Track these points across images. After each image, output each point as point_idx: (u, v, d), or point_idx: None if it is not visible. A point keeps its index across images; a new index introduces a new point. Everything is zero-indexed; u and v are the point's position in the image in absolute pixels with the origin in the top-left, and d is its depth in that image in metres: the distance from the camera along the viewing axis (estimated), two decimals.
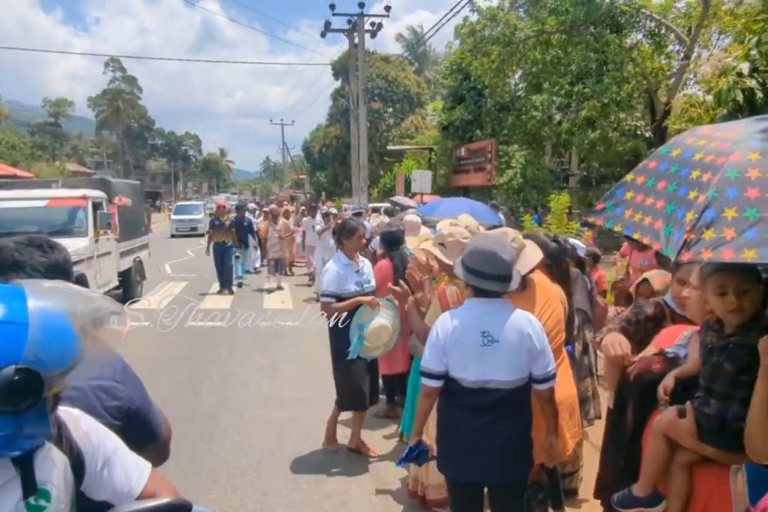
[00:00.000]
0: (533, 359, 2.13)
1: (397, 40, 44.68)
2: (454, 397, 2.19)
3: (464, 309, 2.21)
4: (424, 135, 27.78)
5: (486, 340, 2.09)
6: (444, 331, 2.14)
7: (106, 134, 73.85)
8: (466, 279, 2.16)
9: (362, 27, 20.84)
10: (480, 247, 2.14)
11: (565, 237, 4.17)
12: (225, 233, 9.98)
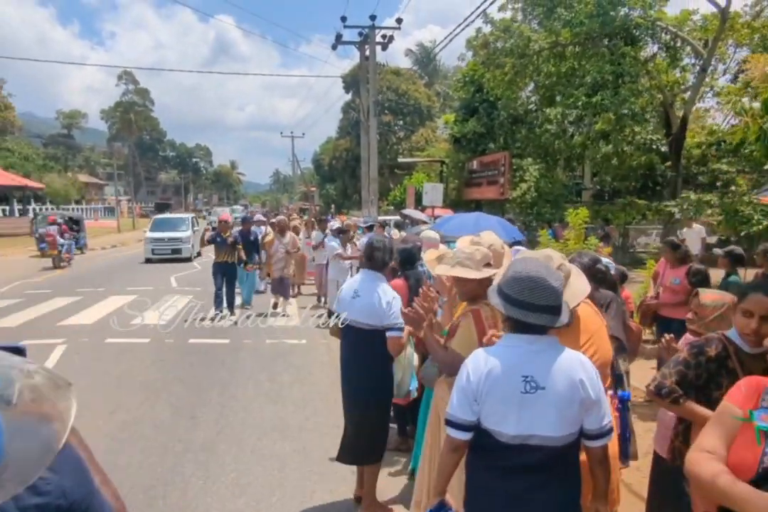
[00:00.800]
0: (586, 410, 1.76)
1: (407, 55, 44.80)
2: (488, 454, 1.82)
3: (502, 347, 1.84)
4: (435, 148, 27.55)
5: (529, 387, 1.73)
6: (477, 373, 1.77)
7: (117, 146, 74.42)
8: (505, 312, 1.80)
9: (373, 39, 20.73)
10: (524, 273, 1.79)
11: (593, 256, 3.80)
12: (228, 251, 8.81)
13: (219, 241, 8.84)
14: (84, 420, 4.64)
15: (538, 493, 1.77)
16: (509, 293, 1.78)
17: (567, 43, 16.28)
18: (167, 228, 17.96)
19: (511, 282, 1.79)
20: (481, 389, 1.75)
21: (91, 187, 62.24)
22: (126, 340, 7.37)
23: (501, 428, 1.75)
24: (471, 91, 18.41)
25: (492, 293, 1.87)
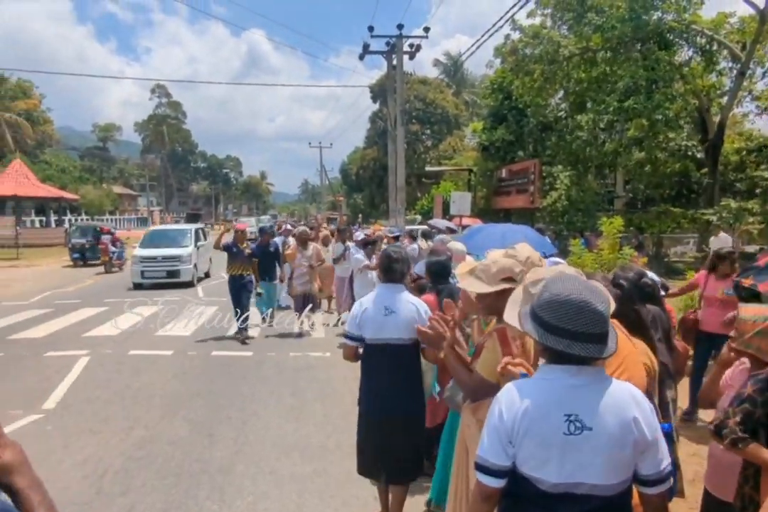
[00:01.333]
0: (641, 453, 1.50)
1: (435, 65, 44.79)
2: (526, 504, 1.56)
3: (540, 380, 1.59)
4: (463, 156, 27.31)
5: (573, 427, 1.48)
6: (511, 411, 1.52)
7: (150, 158, 76.10)
8: (542, 340, 1.54)
9: (401, 48, 20.68)
10: (563, 295, 1.52)
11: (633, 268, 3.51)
12: (243, 263, 8.02)
13: (234, 251, 8.06)
14: (102, 435, 4.55)
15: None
16: (547, 319, 1.53)
17: (598, 48, 15.95)
18: (162, 243, 14.45)
19: (548, 306, 1.53)
20: (517, 429, 1.50)
21: (125, 198, 63.65)
22: (149, 352, 7.30)
23: (541, 474, 1.50)
24: (499, 98, 18.17)
25: (524, 318, 1.62)
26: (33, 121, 46.07)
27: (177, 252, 14.01)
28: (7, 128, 42.25)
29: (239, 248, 8.07)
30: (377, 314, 3.15)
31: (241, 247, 8.10)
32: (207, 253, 15.57)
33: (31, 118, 46.15)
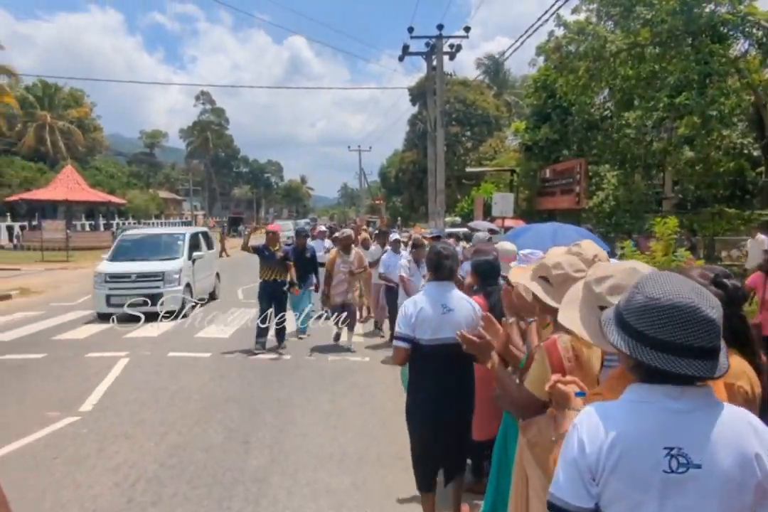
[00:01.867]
0: (763, 497, 1.17)
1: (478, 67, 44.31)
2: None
3: (632, 404, 1.24)
4: (504, 157, 26.80)
5: (676, 464, 1.17)
6: (595, 442, 1.21)
7: (194, 163, 77.90)
8: (635, 355, 1.22)
9: (440, 49, 20.43)
10: (664, 299, 1.20)
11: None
12: (276, 267, 7.40)
13: (266, 255, 7.43)
14: (136, 440, 4.45)
15: None
16: (642, 328, 1.22)
17: (647, 43, 15.32)
18: (142, 253, 10.50)
19: (644, 313, 1.22)
20: (603, 465, 1.20)
21: (170, 202, 65.25)
22: (187, 354, 7.25)
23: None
24: (543, 97, 17.68)
25: (607, 327, 1.31)
26: (84, 129, 47.76)
27: (159, 266, 9.90)
28: (60, 135, 43.91)
29: (271, 251, 7.47)
30: (435, 313, 2.98)
31: (273, 249, 7.49)
32: (211, 266, 12.06)
33: (83, 125, 47.86)
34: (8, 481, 3.75)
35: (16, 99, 40.86)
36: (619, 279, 1.61)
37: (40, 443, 4.41)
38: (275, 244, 7.62)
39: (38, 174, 34.70)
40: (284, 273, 7.53)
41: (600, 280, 1.63)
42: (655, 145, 16.53)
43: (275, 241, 7.64)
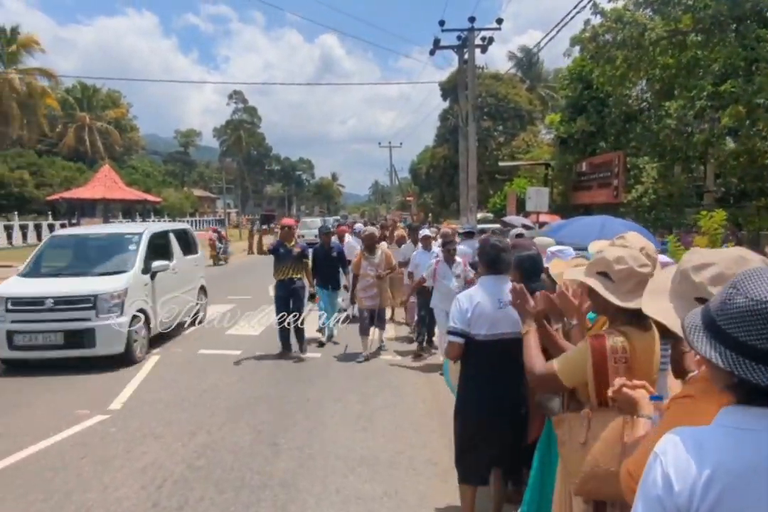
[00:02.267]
0: None
1: (510, 59, 43.62)
2: None
3: (728, 429, 1.01)
4: (538, 150, 26.22)
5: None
6: (686, 476, 0.97)
7: (228, 161, 78.92)
8: (735, 369, 0.98)
9: (472, 42, 20.08)
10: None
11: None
12: (292, 265, 6.82)
13: (281, 252, 6.81)
14: (164, 440, 4.36)
15: None
16: (745, 339, 0.98)
17: (688, 30, 14.71)
18: (73, 266, 7.46)
19: (748, 319, 0.99)
20: (697, 505, 0.96)
21: (204, 200, 66.27)
22: (218, 352, 7.20)
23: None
24: (578, 88, 17.14)
25: (695, 334, 1.07)
26: (121, 129, 48.84)
27: (90, 286, 6.54)
28: (98, 136, 44.98)
29: (287, 247, 6.83)
30: (492, 308, 2.92)
31: (289, 245, 6.87)
32: (192, 279, 8.95)
33: (120, 126, 48.93)
34: (36, 481, 3.72)
35: (56, 101, 42.10)
36: (723, 267, 1.35)
37: (68, 441, 4.38)
38: (291, 239, 6.98)
39: (77, 173, 35.59)
40: (300, 271, 6.94)
41: (700, 268, 1.37)
42: (697, 136, 15.86)
43: (290, 236, 7.01)
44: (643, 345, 1.93)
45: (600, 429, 1.87)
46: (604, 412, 1.88)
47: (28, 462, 4.04)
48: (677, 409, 1.34)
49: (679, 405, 1.35)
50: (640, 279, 1.87)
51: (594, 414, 1.92)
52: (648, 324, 1.96)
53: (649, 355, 1.96)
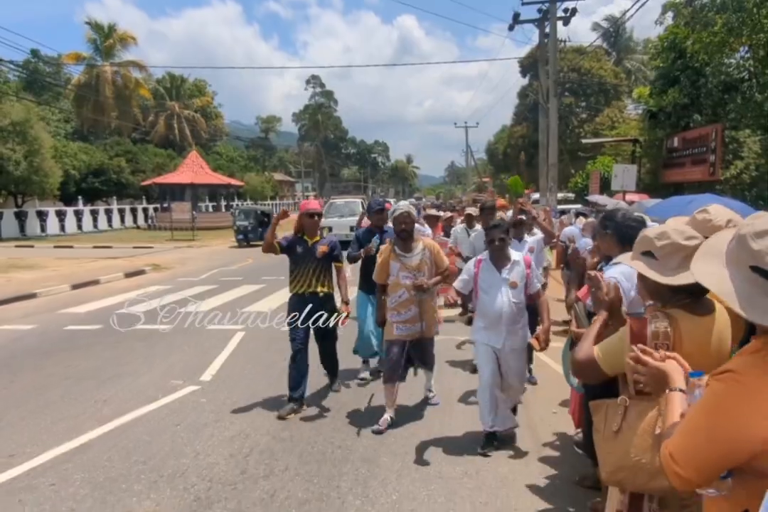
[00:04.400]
0: None
1: (594, 29, 41.37)
2: None
3: None
4: (624, 126, 24.81)
5: None
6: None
7: (306, 146, 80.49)
8: None
9: (554, 14, 19.18)
10: None
11: None
12: (315, 271, 4.68)
13: (299, 251, 4.70)
14: (251, 412, 4.57)
15: None
16: None
17: None
18: None
19: None
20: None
21: (284, 184, 68.06)
22: None
23: None
24: (670, 58, 15.98)
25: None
26: (207, 117, 50.91)
27: None
28: (186, 123, 47.13)
29: (306, 244, 4.70)
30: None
31: (311, 241, 4.72)
32: None
33: (205, 113, 51.02)
34: (137, 444, 4.01)
35: (148, 91, 44.48)
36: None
37: (165, 409, 4.68)
38: (314, 232, 4.79)
39: (168, 160, 37.50)
40: (328, 282, 4.75)
41: (761, 235, 1.23)
42: None
43: (314, 229, 4.78)
44: (696, 332, 1.72)
45: (635, 418, 1.77)
46: (642, 402, 1.76)
47: (130, 426, 4.35)
48: (717, 386, 1.23)
49: (719, 382, 1.23)
50: (687, 254, 1.67)
51: (631, 402, 1.80)
52: (708, 306, 1.77)
53: (704, 343, 1.74)
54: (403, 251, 4.40)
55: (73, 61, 40.92)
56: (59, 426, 4.34)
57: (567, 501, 3.23)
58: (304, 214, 4.72)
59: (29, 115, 24.14)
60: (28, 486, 3.44)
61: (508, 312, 3.79)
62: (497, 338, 3.82)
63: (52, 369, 5.89)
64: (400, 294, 4.35)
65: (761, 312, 1.18)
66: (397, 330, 4.35)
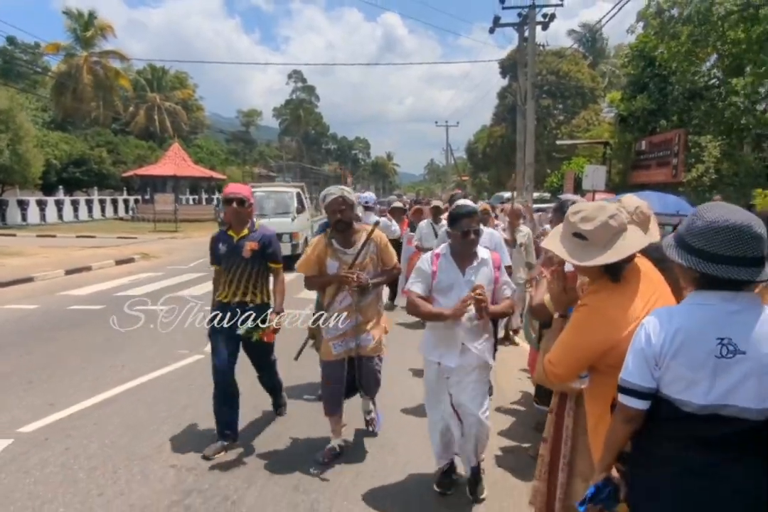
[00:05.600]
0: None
1: (569, 35, 42.58)
2: (668, 425, 1.62)
3: (693, 306, 1.61)
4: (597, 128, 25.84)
5: (725, 350, 1.52)
6: (659, 334, 1.58)
7: (287, 140, 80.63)
8: (698, 268, 1.56)
9: (533, 18, 20.01)
10: (721, 221, 1.53)
11: None
12: (245, 275, 3.85)
13: (222, 250, 3.88)
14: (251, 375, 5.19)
15: (723, 470, 1.55)
16: (701, 246, 1.55)
17: (761, 3, 14.24)
18: None
19: (704, 234, 1.55)
20: (666, 352, 1.56)
21: (263, 178, 68.18)
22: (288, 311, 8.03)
23: (686, 397, 1.56)
24: (640, 65, 16.93)
25: (670, 250, 1.63)
26: (188, 109, 50.88)
27: None
28: (167, 115, 47.09)
29: (231, 240, 3.84)
30: None
31: (237, 236, 3.84)
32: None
33: (186, 106, 50.98)
34: (156, 399, 4.61)
35: (129, 82, 44.34)
36: (588, 212, 1.98)
37: (176, 373, 5.29)
38: (242, 224, 3.85)
39: (149, 151, 37.57)
40: (261, 289, 3.87)
41: (574, 213, 2.00)
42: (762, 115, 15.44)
43: (242, 220, 3.84)
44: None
45: (554, 332, 2.36)
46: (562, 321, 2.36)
47: (148, 385, 4.97)
48: (576, 315, 2.00)
49: (577, 312, 2.01)
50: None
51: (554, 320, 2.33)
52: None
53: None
54: (343, 246, 3.57)
55: (53, 52, 40.65)
56: (86, 384, 4.94)
57: (524, 441, 3.94)
58: (225, 199, 3.80)
59: (12, 103, 24.17)
60: (72, 425, 4.07)
61: (467, 326, 3.02)
62: (450, 355, 3.06)
63: (64, 341, 6.44)
64: (341, 300, 3.58)
65: (579, 258, 1.97)
66: (336, 347, 3.58)
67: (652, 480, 1.65)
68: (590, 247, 1.96)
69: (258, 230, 3.92)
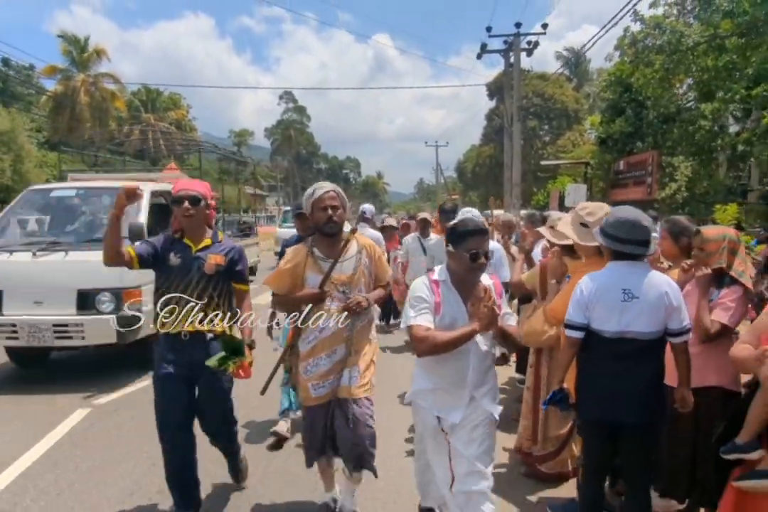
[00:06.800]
0: (669, 315, 2.44)
1: (558, 58, 44.24)
2: (595, 348, 2.54)
3: (606, 270, 2.55)
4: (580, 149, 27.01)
5: (627, 296, 2.43)
6: (588, 288, 2.51)
7: (278, 160, 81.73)
8: (610, 246, 2.52)
9: (518, 46, 21.16)
10: (624, 217, 2.50)
11: None
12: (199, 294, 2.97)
13: (166, 263, 2.98)
14: None
15: (632, 371, 2.47)
16: (611, 232, 2.49)
17: (727, 34, 15.38)
18: None
19: (617, 225, 2.49)
20: (591, 299, 2.49)
21: (255, 197, 68.94)
22: None
23: (605, 327, 2.47)
24: (618, 91, 18.08)
25: (598, 236, 2.57)
26: (181, 129, 51.78)
27: None
28: (160, 136, 47.97)
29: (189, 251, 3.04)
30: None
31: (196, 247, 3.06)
32: None
33: (180, 126, 51.94)
34: None
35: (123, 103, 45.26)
36: (591, 209, 3.04)
37: None
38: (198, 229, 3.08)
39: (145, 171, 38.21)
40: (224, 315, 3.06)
41: (581, 209, 3.06)
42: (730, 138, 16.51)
43: (195, 226, 3.06)
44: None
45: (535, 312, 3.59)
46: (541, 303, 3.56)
47: None
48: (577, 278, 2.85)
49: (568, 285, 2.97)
50: None
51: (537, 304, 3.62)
52: None
53: None
54: (327, 256, 2.89)
55: (50, 74, 41.49)
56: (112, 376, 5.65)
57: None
58: (174, 201, 2.96)
59: (14, 124, 24.89)
60: (115, 409, 4.98)
61: (477, 364, 2.50)
62: (455, 408, 2.51)
63: None
64: (322, 328, 2.85)
65: (584, 240, 2.96)
66: (316, 390, 2.88)
67: (588, 385, 2.61)
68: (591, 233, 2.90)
69: (223, 241, 3.11)
